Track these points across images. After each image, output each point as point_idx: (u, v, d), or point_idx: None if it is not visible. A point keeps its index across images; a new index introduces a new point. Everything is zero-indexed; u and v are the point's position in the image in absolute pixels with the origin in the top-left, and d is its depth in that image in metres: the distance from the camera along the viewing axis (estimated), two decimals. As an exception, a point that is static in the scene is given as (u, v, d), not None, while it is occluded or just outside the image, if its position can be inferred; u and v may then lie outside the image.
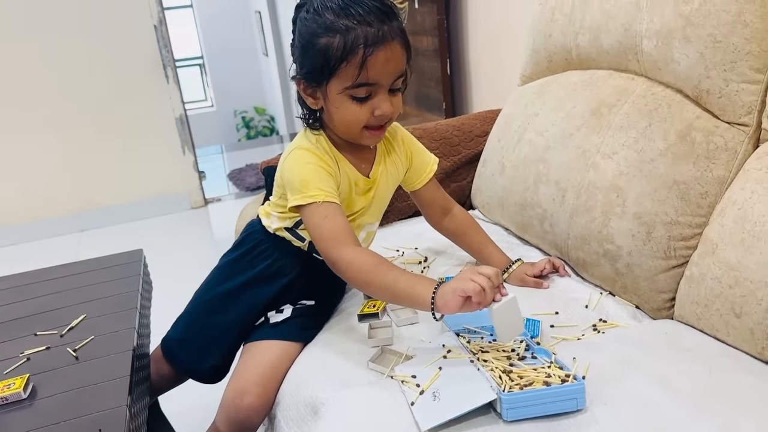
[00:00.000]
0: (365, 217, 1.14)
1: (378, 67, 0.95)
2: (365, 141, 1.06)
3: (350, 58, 0.94)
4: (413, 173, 1.21)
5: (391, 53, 0.96)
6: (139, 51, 3.21)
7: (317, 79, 0.99)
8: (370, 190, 1.12)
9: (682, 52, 1.06)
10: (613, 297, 1.15)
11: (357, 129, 1.02)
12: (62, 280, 1.31)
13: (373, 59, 0.94)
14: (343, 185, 1.07)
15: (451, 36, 2.45)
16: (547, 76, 1.47)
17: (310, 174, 1.01)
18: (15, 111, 3.09)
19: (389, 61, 0.96)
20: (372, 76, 0.96)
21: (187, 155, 3.44)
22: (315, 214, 1.00)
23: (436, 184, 1.24)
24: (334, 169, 1.04)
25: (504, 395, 0.77)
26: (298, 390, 0.99)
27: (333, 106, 1.00)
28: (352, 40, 0.93)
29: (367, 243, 1.20)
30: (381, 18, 0.95)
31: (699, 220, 1.03)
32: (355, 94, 0.98)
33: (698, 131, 1.05)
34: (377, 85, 0.97)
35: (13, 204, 3.19)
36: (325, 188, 1.01)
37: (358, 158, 1.10)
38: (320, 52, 0.96)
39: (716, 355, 0.90)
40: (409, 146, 1.19)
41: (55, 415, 0.87)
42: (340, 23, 0.94)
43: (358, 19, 0.94)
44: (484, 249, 1.24)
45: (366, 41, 0.93)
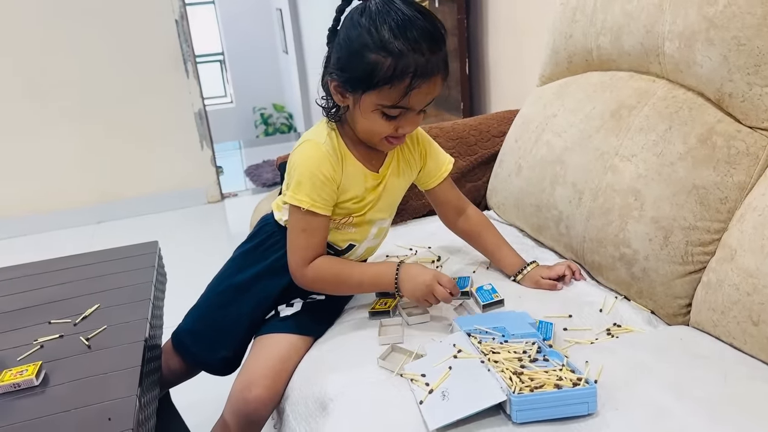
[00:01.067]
0: (375, 212, 1.13)
1: (419, 97, 0.98)
2: (381, 147, 1.08)
3: (396, 83, 0.95)
4: (427, 172, 1.20)
5: (433, 87, 0.98)
6: (160, 45, 3.23)
7: (354, 86, 1.00)
8: (378, 185, 1.11)
9: (704, 55, 1.05)
10: (628, 301, 1.13)
11: (377, 138, 1.04)
12: (77, 270, 1.32)
13: (416, 90, 0.96)
14: (346, 182, 1.07)
15: (470, 36, 2.44)
16: (566, 76, 1.46)
17: (306, 178, 1.03)
18: (36, 103, 3.13)
19: (430, 93, 0.99)
20: (410, 104, 0.98)
21: (205, 150, 3.46)
22: (297, 221, 1.06)
23: (451, 184, 1.24)
24: (333, 169, 1.04)
25: (514, 397, 0.77)
26: (307, 385, 0.99)
27: (362, 114, 1.01)
28: (403, 67, 0.94)
29: (380, 239, 1.20)
30: (432, 47, 0.96)
31: (718, 226, 1.01)
32: (387, 113, 1.00)
33: (719, 135, 1.03)
34: (410, 109, 1.00)
35: (32, 195, 3.23)
36: (314, 197, 1.03)
37: (369, 154, 1.10)
38: (368, 66, 0.96)
39: (732, 363, 0.89)
40: (424, 145, 1.19)
41: (66, 402, 0.88)
42: (395, 45, 0.94)
43: (413, 45, 0.94)
44: (498, 251, 1.24)
45: (415, 72, 0.95)
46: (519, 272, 1.19)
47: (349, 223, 1.11)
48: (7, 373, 0.92)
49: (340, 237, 1.13)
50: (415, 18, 0.95)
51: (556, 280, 1.18)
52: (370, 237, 1.16)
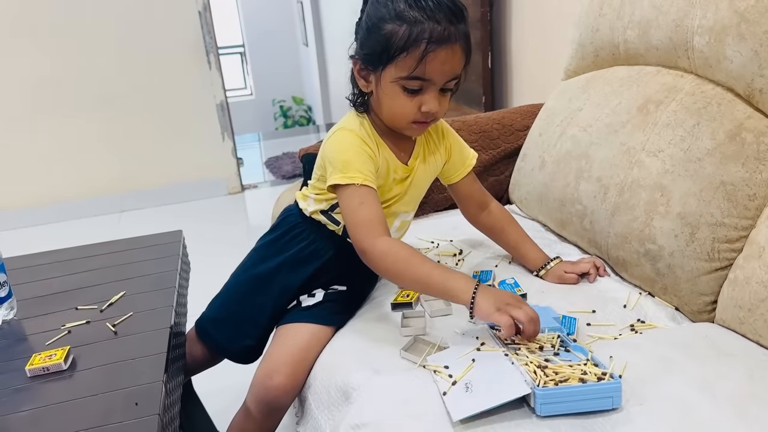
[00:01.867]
0: (400, 205, 1.14)
1: (436, 64, 0.96)
2: (408, 132, 1.07)
3: (411, 49, 0.95)
4: (451, 166, 1.20)
5: (451, 54, 0.97)
6: (183, 36, 3.26)
7: (374, 63, 1.00)
8: (407, 178, 1.12)
9: (735, 50, 1.03)
10: (653, 298, 1.12)
11: (403, 120, 1.03)
12: (103, 257, 1.34)
13: (433, 56, 0.95)
14: (381, 170, 1.07)
15: (493, 29, 2.42)
16: (592, 71, 1.45)
17: (352, 155, 1.02)
18: (62, 93, 3.17)
19: (447, 61, 0.97)
20: (428, 72, 0.97)
21: (227, 141, 3.49)
22: (352, 198, 1.01)
23: (474, 179, 1.24)
24: (374, 153, 1.05)
25: (538, 390, 0.77)
26: (330, 374, 0.99)
27: (383, 92, 1.01)
28: (418, 32, 0.94)
29: (402, 232, 1.20)
30: (450, 18, 0.96)
31: (746, 223, 1.00)
32: (407, 86, 0.99)
33: (749, 131, 1.02)
34: (430, 82, 0.98)
35: (57, 183, 3.28)
36: (364, 171, 1.02)
37: (398, 146, 1.10)
38: (384, 38, 0.97)
39: (759, 361, 0.88)
40: (450, 139, 1.19)
41: (94, 386, 0.89)
42: (410, 14, 0.95)
43: (428, 14, 0.95)
44: (521, 246, 1.23)
45: (431, 37, 0.94)
46: (542, 267, 1.19)
47: None
48: (37, 357, 0.94)
49: None
50: None
51: (580, 275, 1.17)
52: (392, 230, 1.16)
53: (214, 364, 1.27)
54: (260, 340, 1.18)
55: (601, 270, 1.20)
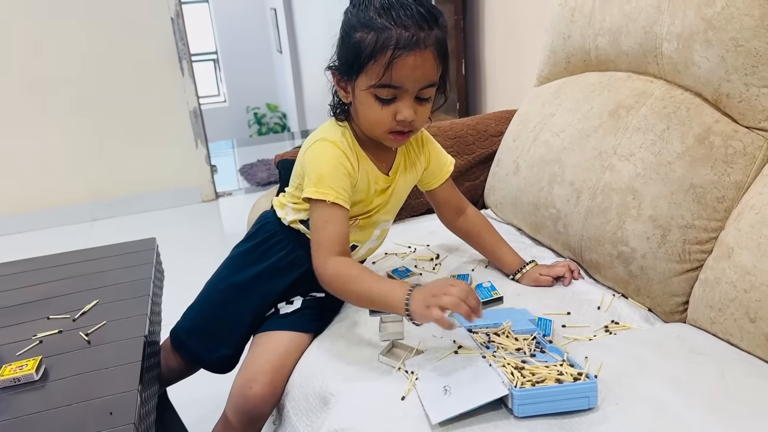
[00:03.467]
0: (381, 215, 1.14)
1: (404, 71, 0.95)
2: (388, 143, 1.06)
3: (378, 56, 0.94)
4: (430, 173, 1.21)
5: (421, 60, 0.95)
6: (155, 43, 3.22)
7: (348, 72, 1.00)
8: (388, 188, 1.12)
9: (702, 56, 1.06)
10: (626, 299, 1.14)
11: (380, 130, 1.02)
12: (75, 266, 1.31)
13: (400, 62, 0.94)
14: (360, 183, 1.07)
15: (467, 36, 2.45)
16: (564, 77, 1.47)
17: (329, 170, 1.02)
18: (32, 101, 3.11)
19: (417, 67, 0.95)
20: (396, 79, 0.95)
21: (200, 148, 3.46)
22: (320, 214, 1.02)
23: (452, 185, 1.25)
24: (353, 167, 1.04)
25: (516, 391, 0.77)
26: (308, 381, 0.99)
27: (359, 102, 1.01)
28: (384, 39, 0.94)
29: (381, 240, 1.21)
30: (420, 24, 0.94)
31: (715, 224, 1.03)
32: (378, 94, 0.98)
33: (717, 135, 1.04)
34: (402, 89, 0.97)
35: (27, 192, 3.21)
36: (337, 188, 1.01)
37: (379, 156, 1.10)
38: (353, 46, 0.97)
39: (729, 360, 0.90)
40: (429, 147, 1.19)
41: (67, 397, 0.88)
42: (378, 21, 0.95)
43: (397, 21, 0.94)
44: (497, 250, 1.24)
45: (397, 43, 0.93)
46: (518, 271, 1.20)
47: (355, 225, 1.11)
48: (7, 368, 0.92)
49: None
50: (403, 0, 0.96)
51: (555, 279, 1.18)
52: (372, 238, 1.16)
53: (190, 374, 1.26)
54: (237, 349, 1.17)
55: (576, 273, 1.21)
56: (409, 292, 0.89)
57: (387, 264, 1.30)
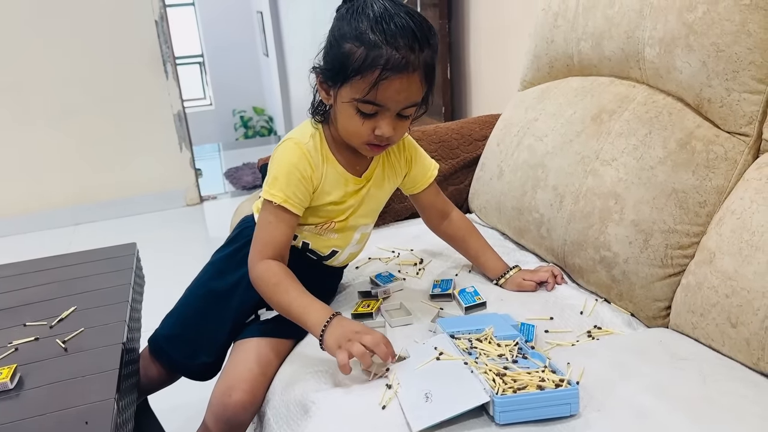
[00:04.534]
0: (357, 218, 1.12)
1: (389, 92, 0.94)
2: (362, 152, 1.05)
3: (366, 73, 0.93)
4: (413, 178, 1.20)
5: (407, 84, 0.94)
6: (139, 46, 3.20)
7: (332, 79, 0.98)
8: (360, 189, 1.10)
9: (684, 61, 1.06)
10: (609, 304, 1.14)
11: (356, 140, 1.02)
12: (53, 272, 1.29)
13: (386, 83, 0.93)
14: (325, 185, 1.06)
15: (452, 41, 2.45)
16: (548, 81, 1.47)
17: (284, 173, 1.02)
18: (13, 104, 3.08)
19: (402, 90, 0.94)
20: (380, 99, 0.95)
21: (184, 152, 3.43)
22: (266, 214, 1.03)
23: (436, 189, 1.24)
24: (312, 170, 1.03)
25: (497, 398, 0.77)
26: (289, 388, 0.98)
27: (339, 110, 1.00)
28: (374, 57, 0.92)
29: (362, 244, 1.20)
30: (411, 45, 0.92)
31: (697, 229, 1.03)
32: (361, 108, 0.97)
33: (698, 140, 1.04)
34: (384, 108, 0.96)
35: (8, 195, 3.17)
36: (288, 193, 1.01)
37: (353, 158, 1.09)
38: (342, 56, 0.95)
39: (711, 365, 0.89)
40: (411, 151, 1.18)
41: (42, 406, 0.86)
42: (370, 36, 0.92)
43: (389, 39, 0.92)
44: (481, 255, 1.24)
45: (386, 64, 0.91)
46: (502, 276, 1.19)
47: (331, 228, 1.10)
48: (-20, 377, 0.90)
49: (323, 243, 1.12)
50: (397, 14, 0.93)
51: (538, 284, 1.18)
52: (353, 243, 1.15)
53: (171, 382, 1.24)
54: (218, 356, 1.15)
55: (559, 278, 1.21)
56: (329, 319, 0.93)
57: (370, 269, 1.30)
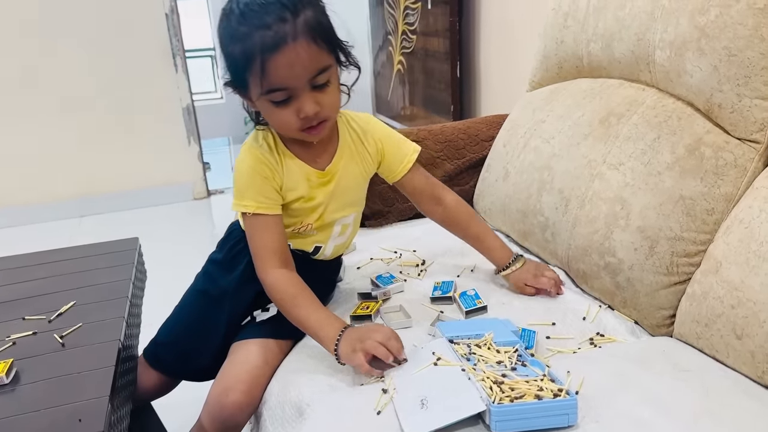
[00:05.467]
0: (332, 213, 1.09)
1: (281, 71, 0.89)
2: (307, 139, 1.01)
3: (251, 67, 0.89)
4: (388, 166, 1.15)
5: (294, 55, 0.89)
6: (149, 39, 3.20)
7: (237, 86, 0.96)
8: (328, 183, 1.07)
9: (695, 65, 1.04)
10: (612, 311, 1.12)
11: (291, 131, 0.98)
12: (54, 265, 1.29)
13: (273, 65, 0.88)
14: (289, 182, 1.04)
15: (462, 38, 2.43)
16: (556, 82, 1.45)
17: (246, 181, 1.01)
18: (22, 95, 3.09)
19: (293, 64, 0.89)
20: (278, 82, 0.90)
21: (192, 146, 3.43)
22: (248, 226, 1.04)
23: (421, 173, 1.18)
24: (271, 169, 1.02)
25: (494, 407, 0.75)
26: (285, 390, 0.97)
27: (261, 110, 0.98)
28: (249, 48, 0.88)
29: (346, 236, 1.16)
30: (282, 15, 0.88)
31: (704, 237, 1.01)
32: (272, 99, 0.93)
33: (708, 146, 1.02)
34: (290, 89, 0.92)
35: (16, 186, 3.19)
36: (258, 198, 1.00)
37: (313, 152, 1.06)
38: (229, 62, 0.93)
39: (714, 377, 0.88)
40: (381, 140, 1.13)
41: (36, 402, 0.86)
42: (241, 30, 0.89)
43: (257, 22, 0.88)
44: (483, 240, 1.20)
45: (262, 48, 0.88)
46: (507, 266, 1.16)
47: (308, 230, 1.09)
48: (-22, 371, 0.90)
49: (304, 241, 1.12)
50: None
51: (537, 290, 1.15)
52: (334, 236, 1.13)
53: (169, 391, 1.24)
54: (215, 358, 1.13)
55: (560, 288, 1.17)
56: (341, 332, 0.92)
57: (371, 269, 1.28)
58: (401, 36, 2.97)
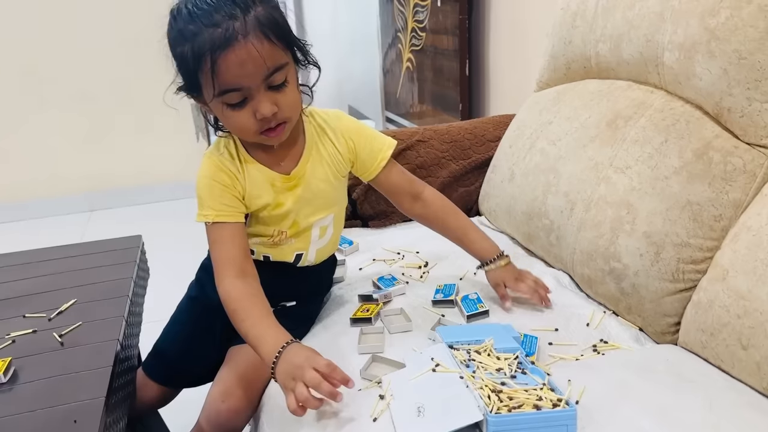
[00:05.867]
0: (306, 217, 1.06)
1: (233, 70, 0.85)
2: (268, 143, 0.97)
3: (201, 66, 0.86)
4: (362, 164, 1.09)
5: (245, 53, 0.85)
6: (158, 33, 3.18)
7: (190, 90, 0.93)
8: (294, 187, 1.03)
9: (704, 67, 1.02)
10: (617, 317, 1.10)
11: (250, 135, 0.94)
12: (57, 262, 1.29)
13: (224, 64, 0.85)
14: (252, 189, 1.00)
15: (472, 36, 2.40)
16: (564, 83, 1.43)
17: (205, 190, 0.98)
18: (31, 87, 3.09)
19: (245, 62, 0.85)
20: (231, 82, 0.87)
21: (201, 142, 3.43)
22: (208, 235, 1.00)
23: (397, 169, 1.13)
24: (231, 177, 0.99)
25: (491, 417, 0.74)
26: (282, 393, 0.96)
27: (217, 114, 0.95)
28: (198, 47, 0.85)
29: (328, 238, 1.12)
30: (232, 12, 0.85)
31: (711, 244, 0.99)
32: (227, 101, 0.89)
33: (716, 151, 1.00)
34: (245, 89, 0.88)
35: (25, 181, 3.20)
36: (217, 207, 0.97)
37: (277, 156, 1.02)
38: (179, 63, 0.90)
39: (719, 388, 0.86)
40: (352, 136, 1.07)
41: (32, 401, 0.85)
42: (189, 28, 0.86)
43: (206, 20, 0.85)
44: (464, 235, 1.14)
45: (212, 46, 0.84)
46: (490, 261, 1.12)
47: (285, 237, 1.06)
48: (-25, 369, 0.89)
49: (284, 252, 1.08)
50: None
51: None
52: (314, 240, 1.09)
53: (169, 401, 1.23)
54: (212, 364, 1.11)
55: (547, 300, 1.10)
56: (280, 350, 0.86)
57: (373, 271, 1.27)
58: (410, 33, 2.95)
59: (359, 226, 1.55)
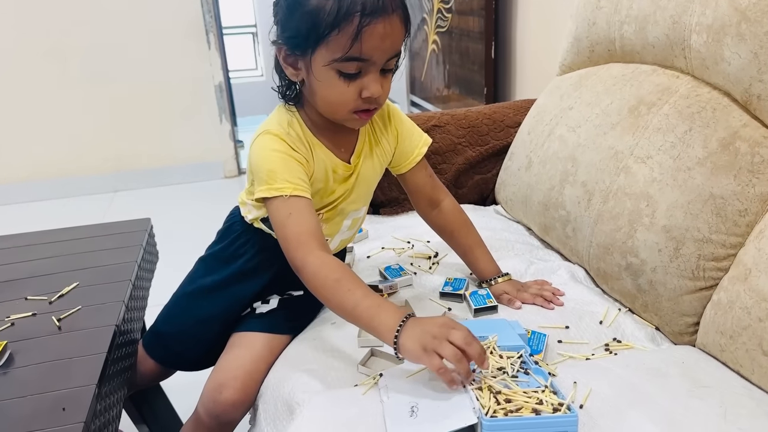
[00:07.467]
0: (347, 204, 1.03)
1: (374, 41, 0.83)
2: (350, 124, 0.95)
3: (343, 25, 0.82)
4: (399, 155, 1.08)
5: (390, 28, 0.83)
6: (182, 15, 3.18)
7: (301, 46, 0.87)
8: (350, 176, 1.01)
9: (733, 51, 0.95)
10: (632, 315, 1.05)
11: (342, 110, 0.91)
12: (62, 244, 1.28)
13: (369, 31, 0.82)
14: (317, 173, 0.97)
15: (499, 18, 2.33)
16: (588, 66, 1.36)
17: (278, 163, 0.91)
18: (56, 67, 3.11)
19: (387, 36, 0.84)
20: (365, 51, 0.84)
21: (224, 124, 3.42)
22: (280, 210, 0.91)
23: (427, 171, 1.11)
24: (305, 157, 0.95)
25: (486, 420, 0.70)
26: (279, 386, 0.93)
27: (316, 80, 0.89)
28: (349, 4, 0.81)
29: (354, 229, 1.11)
30: None
31: (734, 240, 0.92)
32: (343, 69, 0.86)
33: (743, 141, 0.93)
34: (369, 62, 0.85)
35: (49, 160, 3.24)
36: (293, 180, 0.91)
37: (337, 142, 0.99)
38: (309, 15, 0.83)
39: (736, 395, 0.80)
40: (397, 124, 1.06)
41: (24, 387, 0.84)
42: None
43: None
44: (470, 252, 1.12)
45: (364, 9, 0.81)
46: (491, 279, 1.09)
47: (320, 219, 1.03)
48: (-30, 352, 0.89)
49: None
50: None
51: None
52: (343, 230, 1.07)
53: (167, 377, 1.23)
54: (209, 351, 1.09)
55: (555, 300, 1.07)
56: (402, 322, 0.78)
57: (381, 260, 1.24)
58: (436, 14, 2.88)
59: (370, 213, 1.51)
